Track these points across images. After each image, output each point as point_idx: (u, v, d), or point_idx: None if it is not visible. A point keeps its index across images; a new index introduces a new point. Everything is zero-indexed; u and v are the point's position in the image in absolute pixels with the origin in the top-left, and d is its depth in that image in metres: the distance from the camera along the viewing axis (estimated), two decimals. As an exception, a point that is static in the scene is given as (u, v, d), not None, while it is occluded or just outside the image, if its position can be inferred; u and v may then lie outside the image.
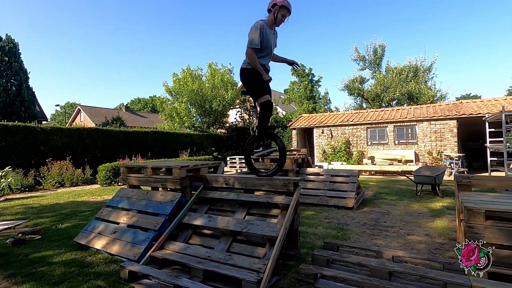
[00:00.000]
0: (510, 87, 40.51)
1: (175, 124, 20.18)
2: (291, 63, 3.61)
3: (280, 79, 74.92)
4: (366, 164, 12.81)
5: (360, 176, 11.78)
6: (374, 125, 13.40)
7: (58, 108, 52.62)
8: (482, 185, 3.50)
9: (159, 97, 22.15)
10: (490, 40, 65.35)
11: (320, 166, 9.11)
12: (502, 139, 8.02)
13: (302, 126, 15.31)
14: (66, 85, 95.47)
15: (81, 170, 10.73)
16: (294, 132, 15.80)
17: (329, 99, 20.76)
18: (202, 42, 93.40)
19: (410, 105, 15.87)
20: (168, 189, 4.31)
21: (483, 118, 9.78)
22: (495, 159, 9.34)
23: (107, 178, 9.92)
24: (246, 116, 20.95)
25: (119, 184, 10.05)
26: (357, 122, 13.66)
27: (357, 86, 19.48)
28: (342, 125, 14.13)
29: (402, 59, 27.80)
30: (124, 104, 39.48)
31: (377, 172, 12.16)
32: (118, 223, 3.68)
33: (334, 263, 3.08)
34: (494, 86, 65.68)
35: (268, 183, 3.33)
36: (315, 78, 20.34)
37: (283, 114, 22.81)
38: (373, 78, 19.61)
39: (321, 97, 20.17)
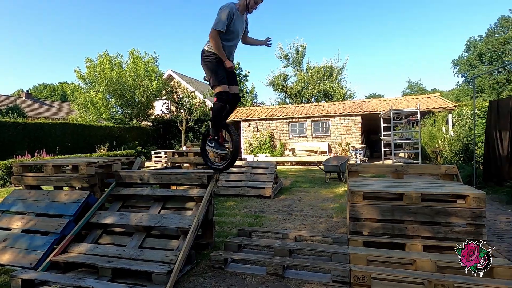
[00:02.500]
0: (404, 88, 48.62)
1: (91, 116, 18.14)
2: (266, 42, 3.40)
3: None
4: (288, 155, 13.85)
5: (282, 166, 12.70)
6: (295, 120, 14.54)
7: None
8: (366, 171, 4.25)
9: (71, 83, 19.53)
10: (394, 45, 76.66)
11: (245, 159, 9.50)
12: (390, 132, 9.70)
13: (230, 119, 15.57)
14: None
15: (-39, 170, 8.83)
16: (222, 125, 15.97)
17: (256, 94, 21.59)
18: (123, 25, 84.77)
19: (326, 102, 17.69)
20: (77, 188, 3.99)
21: (379, 115, 11.62)
22: (388, 149, 11.23)
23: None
24: (174, 108, 20.16)
25: (17, 185, 8.64)
26: (280, 117, 14.59)
27: (281, 82, 20.75)
28: (267, 119, 14.90)
29: (320, 59, 30.55)
30: (25, 91, 33.40)
31: (297, 163, 13.28)
32: (10, 229, 3.25)
33: (245, 247, 3.37)
34: (394, 87, 77.59)
35: (183, 176, 3.41)
36: (243, 73, 20.83)
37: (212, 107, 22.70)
38: (295, 76, 21.19)
39: (248, 91, 20.78)
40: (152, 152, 14.88)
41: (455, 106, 12.08)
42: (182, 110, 19.11)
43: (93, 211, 3.25)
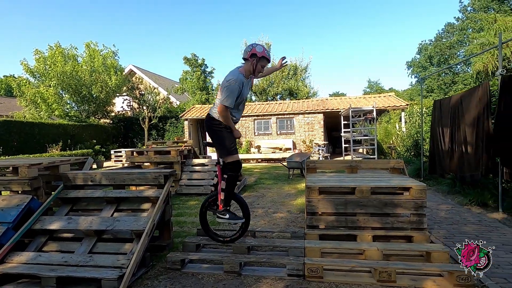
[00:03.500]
0: (365, 87, 51.32)
1: (42, 113, 16.69)
2: (281, 64, 3.36)
3: (173, 67, 70.84)
4: (253, 153, 13.96)
5: (248, 164, 12.76)
6: (260, 117, 14.67)
7: None
8: (323, 168, 4.42)
9: (19, 77, 17.79)
10: (357, 46, 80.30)
11: (209, 157, 9.38)
12: (349, 129, 10.19)
13: (195, 117, 15.28)
14: None
15: None
16: (186, 123, 15.61)
17: (222, 91, 21.31)
18: (79, 17, 78.72)
19: (290, 100, 18.07)
20: (19, 192, 3.65)
21: (340, 113, 12.14)
22: (348, 145, 11.78)
23: None
24: (136, 105, 19.29)
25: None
26: (245, 114, 14.62)
27: (247, 80, 20.73)
28: (232, 117, 14.85)
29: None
30: (-39, 84, 29.81)
31: (263, 160, 13.43)
32: None
33: (204, 247, 3.33)
34: (356, 86, 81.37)
35: (138, 177, 3.28)
36: (208, 69, 20.51)
37: (177, 104, 22.08)
38: (261, 73, 21.32)
39: (214, 88, 20.52)
40: (112, 152, 14.13)
41: (407, 104, 13.00)
42: (144, 107, 18.35)
43: (36, 216, 3.01)
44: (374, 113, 9.79)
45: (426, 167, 7.03)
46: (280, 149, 13.73)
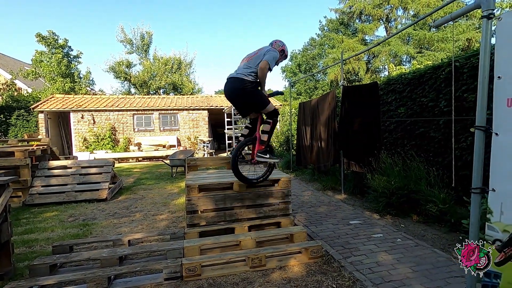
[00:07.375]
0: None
1: None
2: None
3: (20, 43, 53.88)
4: (133, 151, 12.74)
5: (126, 163, 11.57)
6: (141, 112, 13.49)
7: None
8: (204, 165, 4.47)
9: None
10: (240, 44, 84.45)
11: (75, 157, 7.95)
12: (232, 126, 10.73)
13: (55, 109, 12.59)
14: None
15: None
16: (41, 116, 12.67)
17: (92, 80, 18.35)
18: None
19: (175, 95, 17.43)
20: None
21: (223, 110, 12.59)
22: (231, 141, 12.35)
23: None
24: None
25: None
26: (123, 108, 13.14)
27: (124, 69, 18.64)
28: (106, 110, 13.06)
29: (168, 50, 29.52)
30: None
31: (144, 158, 12.45)
32: None
33: (64, 266, 2.82)
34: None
35: (-47, 190, 2.43)
36: (73, 53, 17.21)
37: (28, 92, 17.57)
38: (141, 64, 19.61)
39: (81, 76, 17.40)
40: None
41: (281, 105, 14.74)
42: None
43: None
44: (253, 111, 10.62)
45: (295, 159, 8.18)
46: (164, 146, 13.07)
